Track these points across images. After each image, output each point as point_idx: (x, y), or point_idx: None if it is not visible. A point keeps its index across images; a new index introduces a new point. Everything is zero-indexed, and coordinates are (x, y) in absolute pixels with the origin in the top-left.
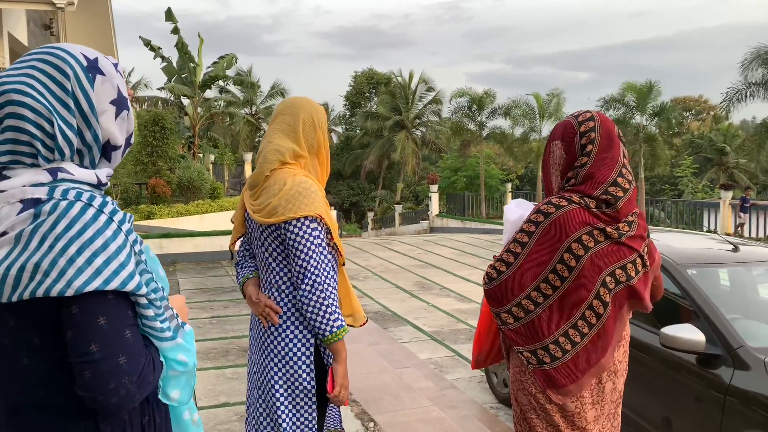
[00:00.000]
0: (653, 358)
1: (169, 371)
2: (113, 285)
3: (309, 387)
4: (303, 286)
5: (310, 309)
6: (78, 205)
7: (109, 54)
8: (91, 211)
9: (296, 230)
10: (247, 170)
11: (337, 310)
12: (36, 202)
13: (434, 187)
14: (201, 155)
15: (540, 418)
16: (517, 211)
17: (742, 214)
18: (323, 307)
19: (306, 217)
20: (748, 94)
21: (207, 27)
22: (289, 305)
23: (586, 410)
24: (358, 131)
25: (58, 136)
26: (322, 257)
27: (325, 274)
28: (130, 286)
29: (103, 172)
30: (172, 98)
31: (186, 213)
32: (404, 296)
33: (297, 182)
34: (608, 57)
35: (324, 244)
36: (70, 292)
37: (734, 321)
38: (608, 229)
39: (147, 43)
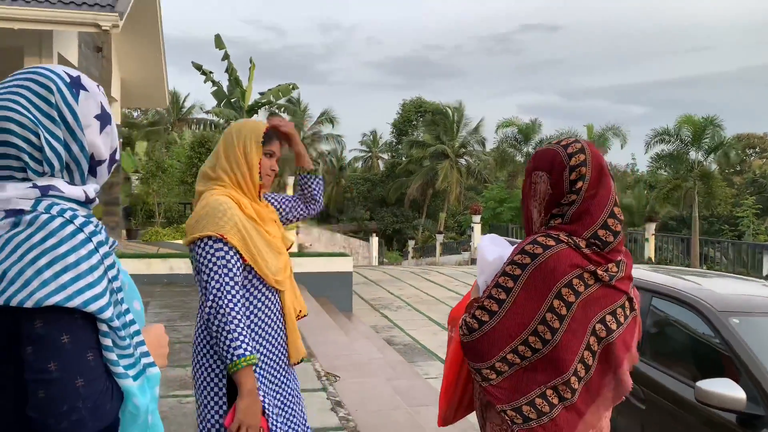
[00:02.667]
0: (689, 413)
1: (125, 409)
2: (75, 302)
3: (217, 417)
4: (205, 309)
5: (213, 334)
6: (58, 221)
7: (158, 77)
8: (70, 228)
9: (198, 250)
10: (289, 192)
11: (240, 337)
12: (18, 213)
13: (477, 218)
14: None
15: None
16: (494, 249)
17: None
18: (224, 333)
19: (209, 237)
20: None
21: (263, 55)
22: (205, 332)
23: None
24: (403, 159)
25: (45, 147)
26: (227, 279)
27: (229, 297)
28: (92, 307)
29: (91, 188)
30: (221, 121)
31: None
32: (436, 329)
33: (208, 202)
34: (665, 92)
35: (230, 266)
36: (29, 303)
37: None
38: (599, 272)
39: (198, 68)
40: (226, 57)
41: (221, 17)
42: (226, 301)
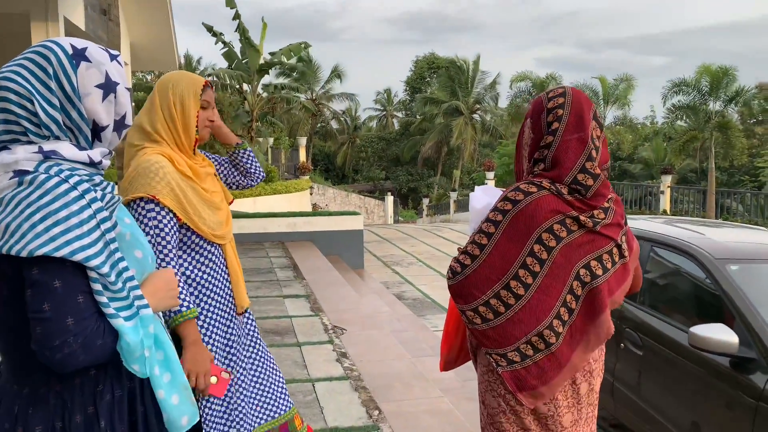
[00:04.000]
0: (683, 357)
1: (120, 344)
2: (62, 252)
3: None
4: None
5: None
6: (54, 180)
7: (167, 40)
8: (64, 186)
9: (134, 213)
10: (302, 155)
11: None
12: (23, 173)
13: (490, 174)
14: (260, 139)
15: (510, 422)
16: (483, 198)
17: None
18: None
19: (141, 199)
20: None
21: (275, 14)
22: None
23: (561, 413)
24: (417, 117)
25: (39, 113)
26: (158, 239)
27: (161, 257)
28: (78, 257)
29: (97, 152)
30: (234, 83)
31: (240, 195)
32: (446, 284)
33: (140, 162)
34: (686, 41)
35: (161, 226)
36: (24, 253)
37: None
38: (582, 218)
39: (209, 29)
40: (237, 17)
41: None
42: (158, 261)
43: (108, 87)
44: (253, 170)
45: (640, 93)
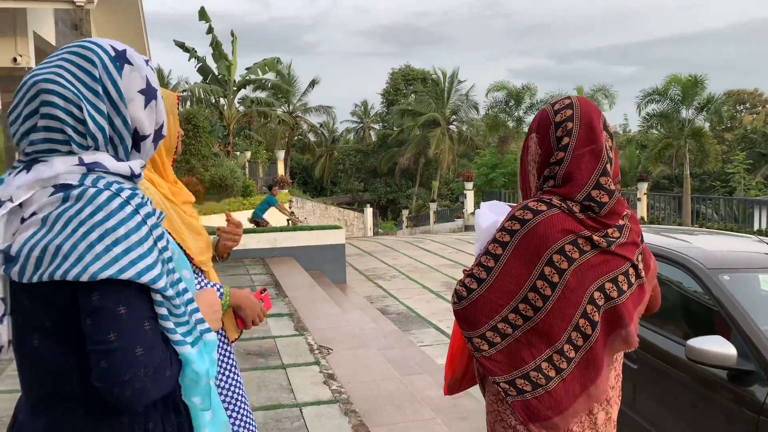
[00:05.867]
0: (680, 371)
1: (184, 375)
2: (128, 274)
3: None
4: None
5: None
6: (105, 194)
7: (140, 53)
8: (117, 201)
9: None
10: (280, 168)
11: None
12: (66, 187)
13: (469, 185)
14: (237, 153)
15: None
16: (490, 216)
17: None
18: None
19: None
20: None
21: (249, 27)
22: None
23: None
24: (394, 129)
25: (88, 120)
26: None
27: None
28: (145, 278)
29: (137, 164)
30: (210, 97)
31: (218, 211)
32: (430, 297)
33: None
34: (655, 51)
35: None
36: (85, 277)
37: None
38: (595, 237)
39: (181, 45)
40: (210, 30)
41: None
42: None
43: (149, 93)
44: None
45: (616, 102)
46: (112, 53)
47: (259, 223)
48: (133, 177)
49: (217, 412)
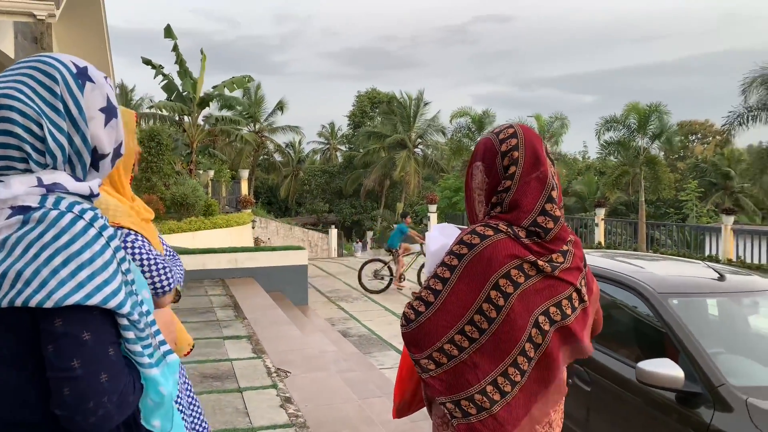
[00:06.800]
0: (632, 393)
1: (146, 399)
2: (95, 300)
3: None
4: None
5: None
6: (68, 216)
7: (104, 69)
8: (81, 224)
9: None
10: (244, 187)
11: None
12: (25, 210)
13: (433, 207)
14: (200, 171)
15: None
16: (439, 239)
17: None
18: None
19: (118, 229)
20: (749, 117)
21: (216, 46)
22: None
23: None
24: (361, 150)
25: (48, 138)
26: (157, 268)
27: (167, 289)
28: (112, 303)
29: (95, 183)
30: (174, 115)
31: (178, 230)
32: (392, 319)
33: None
34: (614, 81)
35: (152, 256)
36: (49, 304)
37: (717, 356)
38: (540, 262)
39: (147, 62)
40: (175, 48)
41: (172, 8)
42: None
43: (110, 111)
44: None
45: (572, 130)
46: (74, 70)
47: (394, 253)
48: (91, 197)
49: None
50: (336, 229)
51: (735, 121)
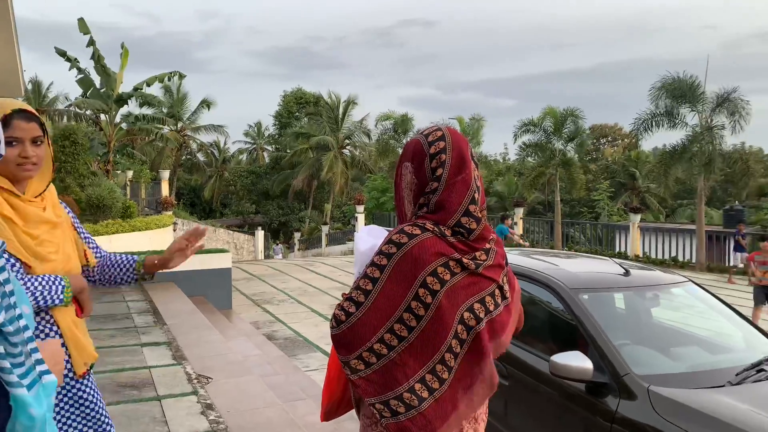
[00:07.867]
0: (546, 385)
1: (16, 421)
2: None
3: None
4: None
5: None
6: None
7: (11, 63)
8: None
9: None
10: (164, 188)
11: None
12: None
13: (360, 208)
14: (118, 172)
15: None
16: (368, 240)
17: (739, 255)
18: None
19: None
20: (653, 123)
21: (136, 42)
22: None
23: None
24: (288, 151)
25: None
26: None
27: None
28: None
29: None
30: (88, 112)
31: (94, 234)
32: (318, 320)
33: None
34: (532, 85)
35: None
36: None
37: (623, 347)
38: (464, 260)
39: (62, 54)
40: (91, 43)
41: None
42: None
43: None
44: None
45: (493, 132)
46: None
47: None
48: None
49: None
50: (263, 231)
51: (641, 126)
